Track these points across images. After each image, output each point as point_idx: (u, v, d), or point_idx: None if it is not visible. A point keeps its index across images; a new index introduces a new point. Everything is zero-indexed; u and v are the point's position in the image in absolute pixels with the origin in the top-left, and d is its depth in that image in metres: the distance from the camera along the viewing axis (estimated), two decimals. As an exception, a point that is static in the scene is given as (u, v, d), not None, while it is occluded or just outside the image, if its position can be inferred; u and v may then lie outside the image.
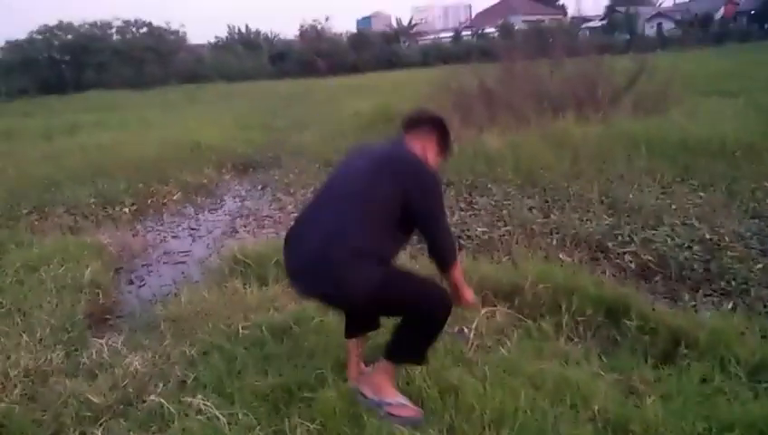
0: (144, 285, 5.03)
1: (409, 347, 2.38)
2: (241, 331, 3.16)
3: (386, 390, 2.39)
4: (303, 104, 19.18)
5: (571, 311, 3.27)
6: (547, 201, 6.44)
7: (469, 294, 2.52)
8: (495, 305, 3.38)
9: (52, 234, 6.17)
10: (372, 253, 2.19)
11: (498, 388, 2.42)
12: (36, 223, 6.83)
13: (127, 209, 7.44)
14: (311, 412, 2.33)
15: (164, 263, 5.57)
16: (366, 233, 2.19)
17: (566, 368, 2.69)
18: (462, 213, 6.16)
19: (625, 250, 4.73)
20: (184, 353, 2.99)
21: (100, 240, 5.32)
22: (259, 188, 8.63)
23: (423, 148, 2.44)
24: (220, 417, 2.29)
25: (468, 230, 5.48)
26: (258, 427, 2.27)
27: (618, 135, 9.24)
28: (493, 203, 6.46)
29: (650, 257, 4.56)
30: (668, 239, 4.83)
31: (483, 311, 3.17)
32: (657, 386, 2.56)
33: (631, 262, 4.54)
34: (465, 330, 3.04)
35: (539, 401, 2.37)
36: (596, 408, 2.34)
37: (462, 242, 5.21)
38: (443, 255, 2.37)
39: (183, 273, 5.11)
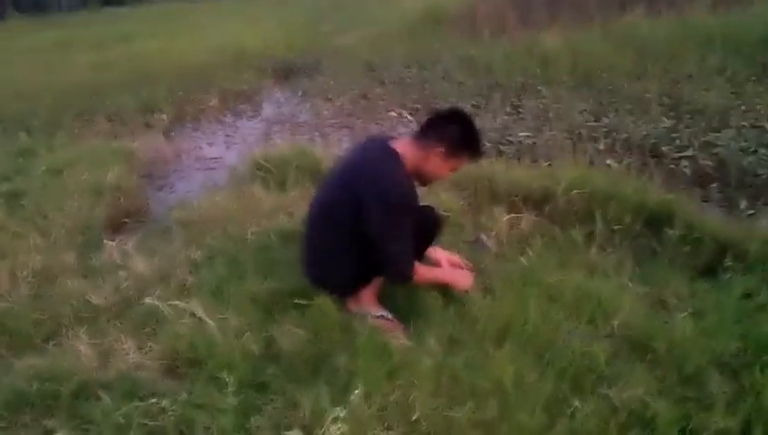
0: (173, 191, 5.00)
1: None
2: (250, 236, 3.02)
3: (369, 303, 2.23)
4: (353, 5, 18.36)
5: (606, 219, 2.95)
6: (602, 104, 5.90)
7: (461, 281, 2.26)
8: (522, 212, 3.10)
9: (88, 140, 6.19)
10: (341, 265, 2.18)
11: (509, 299, 2.20)
12: (77, 130, 6.85)
13: (165, 116, 7.37)
14: (303, 320, 2.18)
15: (196, 169, 5.51)
16: (333, 251, 2.17)
17: (591, 280, 2.43)
18: (506, 117, 5.74)
19: (681, 155, 4.27)
20: (189, 258, 2.90)
21: (129, 145, 5.27)
22: (298, 94, 8.36)
23: (419, 155, 2.10)
24: (209, 321, 2.17)
25: (510, 135, 5.09)
26: (249, 332, 2.15)
27: (691, 31, 8.33)
28: (541, 106, 5.98)
29: (709, 162, 4.10)
30: (732, 142, 4.31)
31: (506, 217, 2.90)
32: (692, 301, 2.28)
33: (687, 167, 4.10)
34: (484, 238, 2.80)
35: (553, 314, 2.14)
36: (615, 323, 2.09)
37: (501, 148, 4.85)
38: (391, 274, 2.14)
39: (211, 179, 5.02)
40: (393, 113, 6.46)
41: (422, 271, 2.12)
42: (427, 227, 2.27)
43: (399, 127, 6.01)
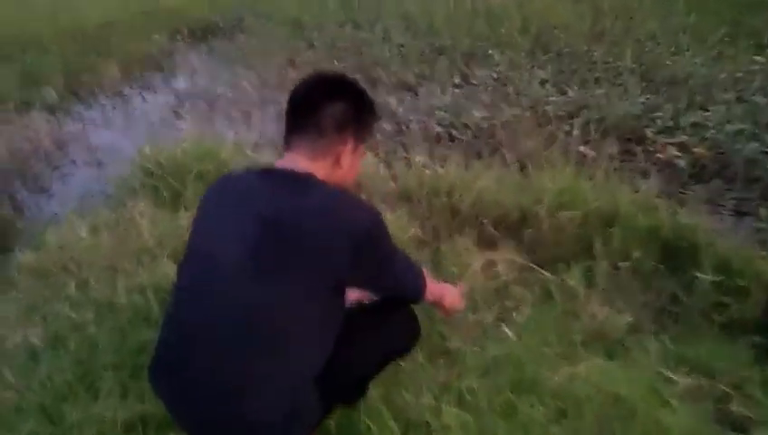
0: (51, 194, 3.99)
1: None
2: (120, 297, 2.12)
3: None
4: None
5: (607, 251, 2.21)
6: (562, 71, 5.15)
7: (453, 301, 1.61)
8: (495, 245, 2.31)
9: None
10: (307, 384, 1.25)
11: (498, 426, 1.42)
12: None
13: (53, 91, 6.14)
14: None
15: (84, 163, 4.45)
16: (278, 378, 1.19)
17: (609, 363, 1.69)
18: (456, 90, 4.91)
19: (670, 141, 3.58)
20: (26, 340, 1.97)
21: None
22: (216, 59, 7.23)
23: (329, 163, 1.31)
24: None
25: (462, 115, 4.27)
26: None
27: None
28: (495, 75, 5.18)
29: (703, 150, 3.42)
30: (726, 124, 3.65)
31: (479, 262, 2.10)
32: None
33: (679, 157, 3.41)
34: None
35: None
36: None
37: (455, 133, 4.04)
38: (411, 296, 1.47)
39: (98, 180, 4.01)
40: (325, 85, 5.48)
41: (431, 287, 1.50)
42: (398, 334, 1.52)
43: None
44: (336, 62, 6.20)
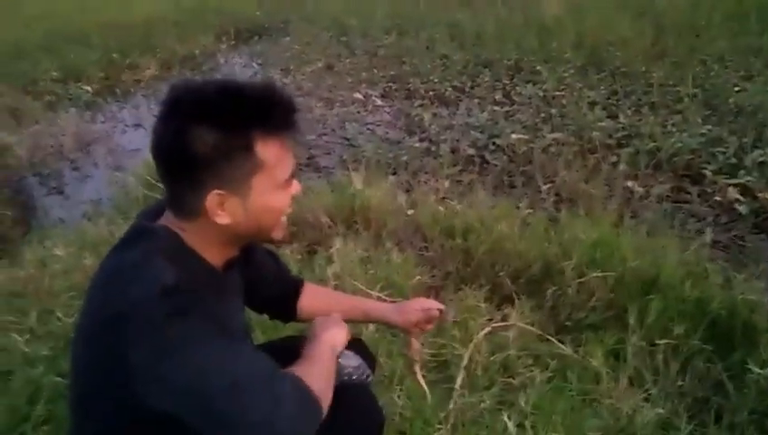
0: (67, 197, 3.87)
1: None
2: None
3: None
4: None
5: (643, 324, 1.85)
6: (616, 93, 4.74)
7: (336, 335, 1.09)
8: (510, 302, 1.98)
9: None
10: None
11: None
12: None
13: (89, 88, 6.12)
14: None
15: (107, 166, 4.32)
16: None
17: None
18: (495, 108, 4.56)
19: (731, 181, 3.15)
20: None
21: (4, 140, 4.07)
22: (256, 62, 7.10)
23: (205, 222, 0.87)
24: None
25: (499, 135, 3.93)
26: None
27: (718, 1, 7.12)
28: (540, 94, 4.80)
29: (771, 196, 2.99)
30: (800, 166, 3.20)
31: (483, 330, 1.76)
32: None
33: (741, 201, 2.98)
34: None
35: None
36: None
37: (486, 155, 3.71)
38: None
39: (118, 184, 3.85)
40: (359, 94, 5.25)
41: (314, 371, 0.95)
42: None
43: (365, 114, 4.82)
44: (375, 71, 5.95)
